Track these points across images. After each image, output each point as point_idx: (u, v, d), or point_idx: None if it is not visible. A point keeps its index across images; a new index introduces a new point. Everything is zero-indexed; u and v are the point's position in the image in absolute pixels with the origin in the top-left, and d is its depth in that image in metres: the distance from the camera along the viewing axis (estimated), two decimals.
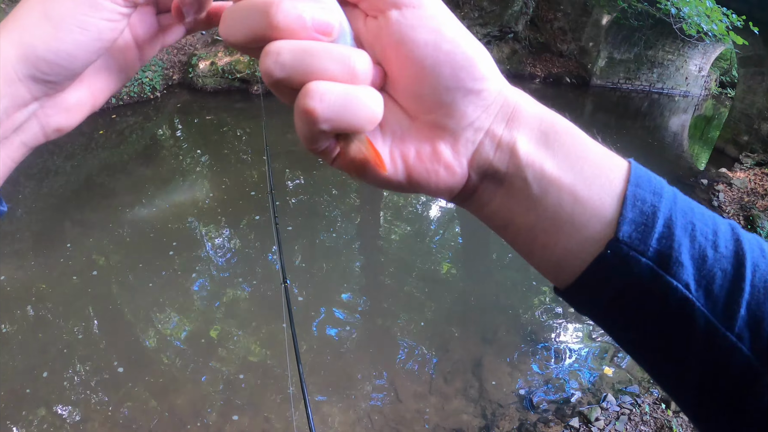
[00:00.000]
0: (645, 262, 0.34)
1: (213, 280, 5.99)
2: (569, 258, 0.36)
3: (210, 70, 10.43)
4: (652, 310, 0.35)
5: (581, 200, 0.35)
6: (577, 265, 0.36)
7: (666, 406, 4.23)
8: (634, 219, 0.35)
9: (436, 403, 4.38)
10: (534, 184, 0.36)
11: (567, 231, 0.36)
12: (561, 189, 0.36)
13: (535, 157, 0.36)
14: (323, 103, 0.31)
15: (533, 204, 0.36)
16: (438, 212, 7.56)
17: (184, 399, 4.38)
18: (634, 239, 0.34)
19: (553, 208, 0.36)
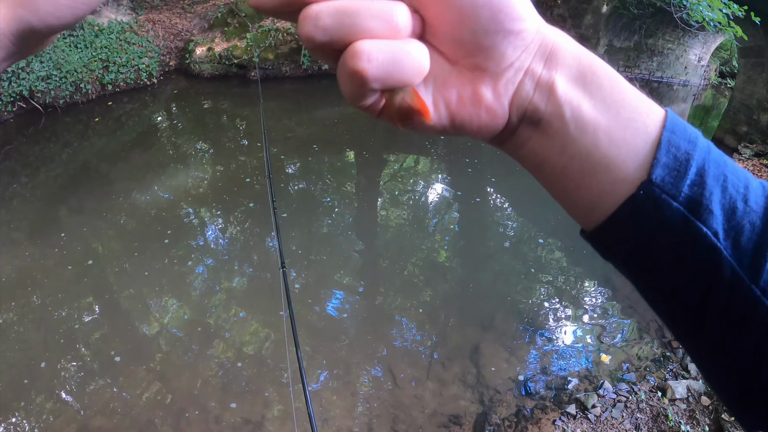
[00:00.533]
0: (676, 206, 0.35)
1: (210, 266, 5.98)
2: (601, 198, 0.37)
3: (207, 56, 10.35)
4: (680, 255, 0.35)
5: (616, 142, 0.36)
6: (608, 206, 0.36)
7: (662, 394, 4.25)
8: (667, 164, 0.35)
9: (434, 388, 4.39)
10: (571, 124, 0.36)
11: (601, 172, 0.36)
12: (597, 130, 0.36)
13: (572, 97, 0.36)
14: (372, 63, 0.31)
15: (569, 144, 0.37)
16: (436, 198, 7.55)
17: (183, 386, 4.39)
18: (667, 183, 0.35)
19: (587, 149, 0.36)
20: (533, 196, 7.27)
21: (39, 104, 8.77)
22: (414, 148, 8.59)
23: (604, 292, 5.53)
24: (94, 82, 9.32)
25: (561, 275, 5.92)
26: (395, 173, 8.20)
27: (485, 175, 7.80)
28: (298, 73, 10.48)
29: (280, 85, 10.31)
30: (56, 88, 8.78)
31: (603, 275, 5.69)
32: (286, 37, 10.32)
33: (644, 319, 5.08)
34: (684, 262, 0.35)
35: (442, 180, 8.08)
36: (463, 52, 0.35)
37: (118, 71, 9.56)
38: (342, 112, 9.67)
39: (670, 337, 4.87)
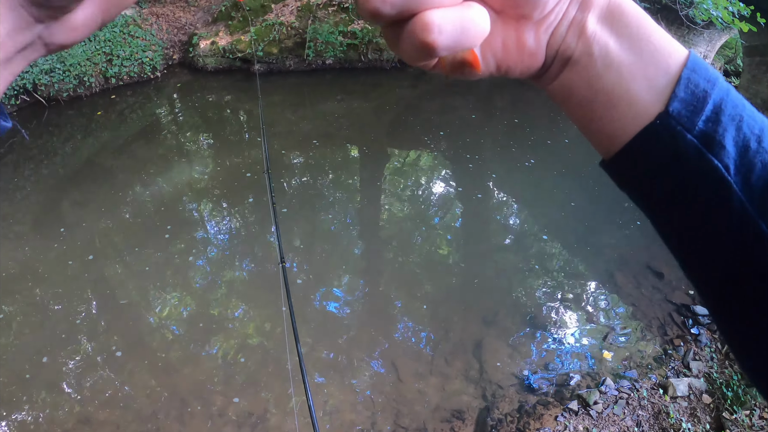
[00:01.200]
0: (690, 138, 0.37)
1: (212, 260, 5.99)
2: (622, 129, 0.39)
3: (211, 50, 10.33)
4: (691, 186, 0.37)
5: (639, 78, 0.38)
6: (627, 136, 0.39)
7: (663, 391, 4.26)
8: (684, 98, 0.37)
9: (437, 383, 4.41)
10: (598, 61, 0.38)
11: (623, 105, 0.38)
12: (621, 67, 0.38)
13: (601, 36, 0.38)
14: (442, 35, 0.32)
15: (595, 79, 0.39)
16: (438, 194, 7.55)
17: (186, 379, 4.41)
18: (683, 116, 0.37)
19: (612, 84, 0.38)
20: (536, 193, 7.27)
21: (42, 97, 8.78)
22: (416, 143, 8.58)
23: (607, 289, 5.54)
24: (98, 76, 9.32)
25: (563, 272, 5.92)
26: (398, 168, 8.19)
27: (486, 171, 7.79)
28: (302, 67, 10.46)
29: (284, 78, 10.29)
30: (60, 81, 8.78)
31: (606, 272, 5.69)
32: (290, 31, 10.30)
33: (647, 317, 5.08)
34: (695, 193, 0.37)
35: (444, 175, 8.08)
36: (511, 3, 0.37)
37: (122, 64, 9.55)
38: (346, 107, 9.66)
39: (672, 334, 4.87)
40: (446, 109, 9.43)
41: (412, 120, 9.26)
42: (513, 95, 10.50)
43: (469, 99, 10.10)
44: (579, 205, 6.80)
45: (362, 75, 10.52)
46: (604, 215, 6.63)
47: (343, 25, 10.30)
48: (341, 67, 10.54)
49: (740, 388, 4.20)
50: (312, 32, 10.13)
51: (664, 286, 5.38)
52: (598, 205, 6.80)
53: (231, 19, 10.62)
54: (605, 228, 6.40)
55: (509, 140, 8.56)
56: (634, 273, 5.59)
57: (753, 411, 4.05)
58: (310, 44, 10.14)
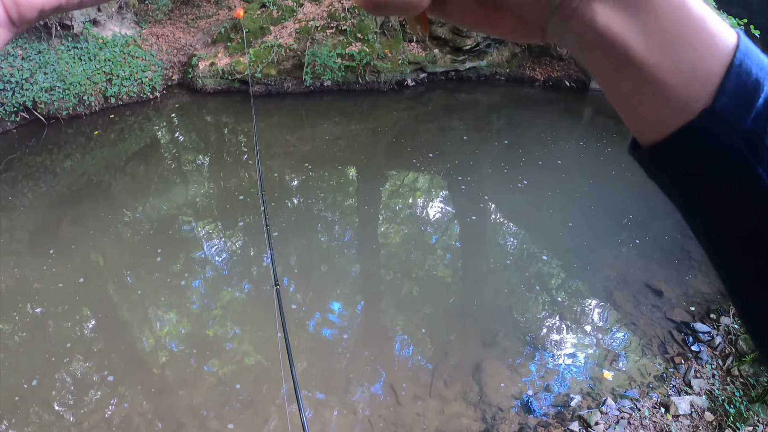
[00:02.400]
0: (735, 138, 0.33)
1: (208, 282, 5.95)
2: (658, 121, 0.35)
3: (210, 71, 10.41)
4: (730, 191, 0.34)
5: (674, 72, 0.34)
6: (664, 128, 0.35)
7: (665, 410, 4.22)
8: (734, 91, 0.33)
9: (436, 406, 4.36)
10: (615, 57, 0.35)
11: (656, 97, 0.35)
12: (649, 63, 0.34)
13: (616, 30, 0.34)
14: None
15: (614, 72, 0.36)
16: (437, 215, 7.55)
17: (181, 401, 4.35)
18: (731, 112, 0.33)
19: (639, 77, 0.35)
20: (533, 213, 7.28)
21: (42, 115, 8.80)
22: (413, 164, 8.60)
23: (607, 309, 5.51)
24: (98, 95, 9.36)
25: (562, 292, 5.90)
26: (395, 190, 8.21)
27: (482, 193, 7.81)
28: (300, 89, 10.53)
29: (282, 100, 10.36)
30: (59, 99, 8.82)
31: (605, 291, 5.68)
32: (288, 53, 10.39)
33: (647, 335, 5.06)
34: (732, 199, 0.34)
35: (441, 197, 8.09)
36: None
37: (122, 84, 9.60)
38: (343, 129, 9.71)
39: (672, 352, 4.84)
40: (443, 131, 9.49)
41: (409, 141, 9.31)
42: (509, 116, 10.58)
43: (467, 120, 10.17)
44: (576, 225, 6.80)
45: (360, 97, 10.59)
46: (602, 234, 6.63)
47: (341, 47, 10.40)
48: (339, 89, 10.62)
49: (742, 404, 4.16)
50: (310, 55, 10.22)
51: (664, 304, 5.36)
52: (595, 225, 6.81)
53: (230, 41, 10.72)
54: (604, 247, 6.40)
55: (504, 162, 8.59)
56: (634, 291, 5.57)
57: (756, 427, 4.01)
58: (307, 69, 10.22)
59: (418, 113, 10.42)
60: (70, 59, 9.11)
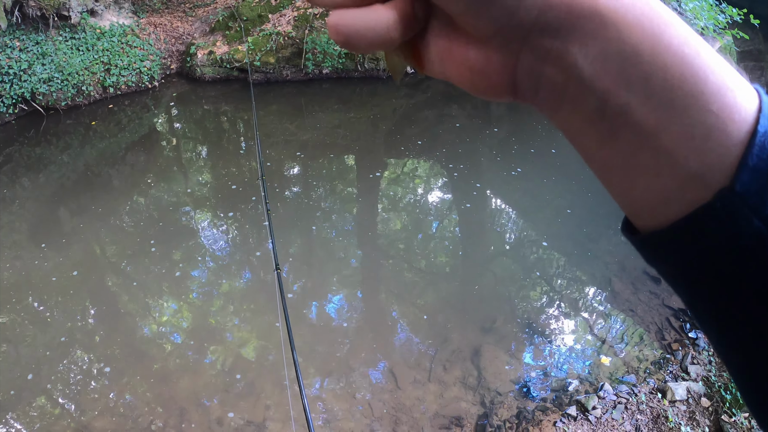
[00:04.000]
0: (758, 224, 0.27)
1: (209, 269, 5.99)
2: (663, 203, 0.30)
3: (208, 60, 10.38)
4: (750, 284, 0.28)
5: (682, 145, 0.28)
6: (671, 212, 0.29)
7: (662, 395, 4.26)
8: (757, 167, 0.27)
9: (435, 390, 4.41)
10: (605, 123, 0.29)
11: (660, 175, 0.29)
12: (652, 131, 0.28)
13: (608, 83, 0.28)
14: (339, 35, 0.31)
15: (606, 140, 0.30)
16: (435, 203, 7.57)
17: (184, 388, 4.40)
18: (753, 193, 0.27)
19: (634, 149, 0.29)
20: (533, 201, 7.30)
21: (40, 106, 8.79)
22: (413, 152, 8.61)
23: (604, 295, 5.55)
24: (96, 85, 9.35)
25: (561, 278, 5.94)
26: (395, 177, 8.22)
27: (482, 180, 7.82)
28: (299, 76, 10.50)
29: (281, 88, 10.33)
30: (58, 90, 8.81)
31: (603, 278, 5.71)
32: (287, 40, 10.35)
33: (644, 322, 5.10)
34: (752, 292, 0.28)
35: (441, 184, 8.10)
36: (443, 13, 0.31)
37: (120, 74, 9.59)
38: (343, 116, 9.70)
39: (669, 339, 4.88)
40: (442, 119, 9.48)
41: (409, 129, 9.30)
42: (510, 103, 10.54)
43: (466, 107, 10.15)
44: (576, 213, 6.82)
45: (359, 84, 10.57)
46: (601, 222, 6.65)
47: None
48: (338, 76, 10.59)
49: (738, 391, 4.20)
50: (310, 42, 10.19)
51: (662, 290, 5.39)
52: (595, 212, 6.83)
53: (228, 29, 10.68)
54: (603, 234, 6.42)
55: (503, 149, 8.59)
56: (632, 279, 5.60)
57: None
58: (308, 55, 10.19)
59: (417, 101, 10.40)
60: (68, 50, 9.09)
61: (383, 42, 0.30)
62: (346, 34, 0.30)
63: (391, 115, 10.00)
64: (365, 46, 0.30)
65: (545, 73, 0.30)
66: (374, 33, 0.30)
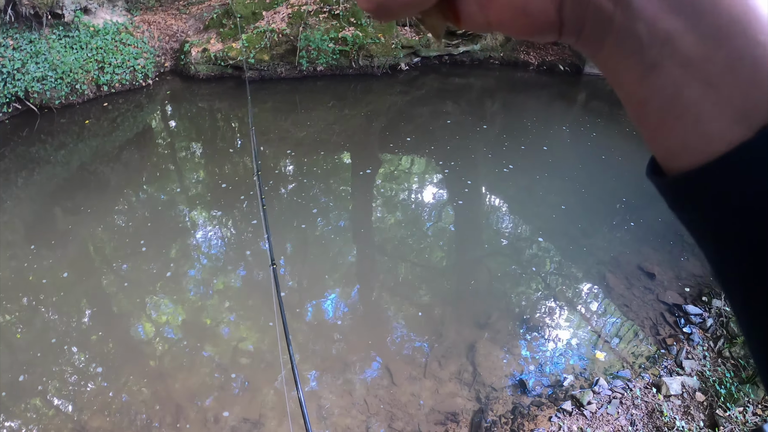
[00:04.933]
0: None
1: (205, 266, 5.99)
2: (701, 140, 0.28)
3: (202, 57, 10.35)
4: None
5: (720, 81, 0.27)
6: (709, 149, 0.28)
7: (657, 390, 4.28)
8: None
9: (431, 386, 4.42)
10: (650, 54, 0.28)
11: (703, 110, 0.27)
12: (688, 64, 0.27)
13: (652, 11, 0.27)
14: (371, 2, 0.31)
15: (647, 72, 0.28)
16: (430, 199, 7.57)
17: (180, 386, 4.40)
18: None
19: (675, 85, 0.28)
20: (526, 197, 7.31)
21: (34, 105, 8.76)
22: (407, 149, 8.61)
23: (599, 291, 5.57)
24: (90, 83, 9.31)
25: (556, 274, 5.96)
26: (389, 174, 8.22)
27: (476, 176, 7.83)
28: (293, 74, 10.49)
29: (276, 85, 10.32)
30: (52, 89, 8.77)
31: (598, 274, 5.73)
32: (281, 38, 10.33)
33: (639, 317, 5.12)
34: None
35: (436, 181, 8.11)
36: None
37: (114, 72, 9.55)
38: (337, 113, 9.69)
39: (664, 334, 4.91)
40: (436, 115, 9.48)
41: (403, 126, 9.31)
42: (503, 100, 10.58)
43: (461, 104, 10.16)
44: (570, 209, 6.84)
45: (353, 81, 10.57)
46: (596, 217, 6.68)
47: (334, 31, 10.35)
48: (332, 73, 10.58)
49: (733, 385, 4.23)
50: (304, 39, 10.17)
51: (656, 286, 5.42)
52: (589, 208, 6.85)
53: (222, 27, 10.65)
54: (597, 230, 6.45)
55: (497, 145, 8.61)
56: (626, 274, 5.63)
57: (746, 408, 4.09)
58: (302, 53, 10.17)
59: (412, 98, 10.40)
60: (62, 48, 9.05)
61: (416, 4, 0.30)
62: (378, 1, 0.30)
63: (386, 112, 10.00)
64: (398, 11, 0.30)
65: (592, 1, 0.28)
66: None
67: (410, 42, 10.87)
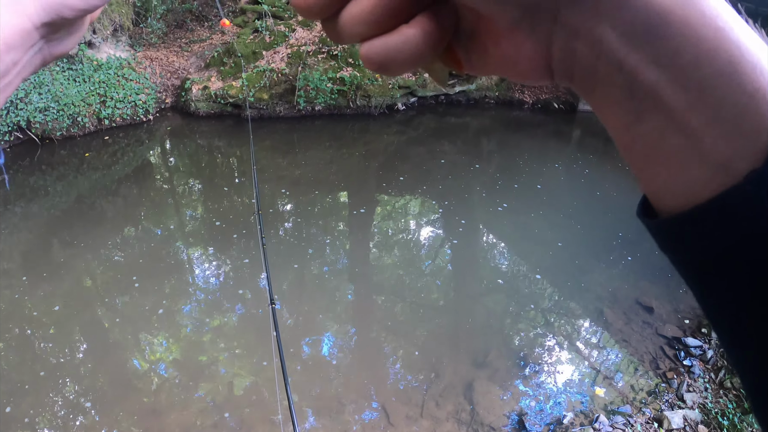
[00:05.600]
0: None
1: (201, 304, 5.93)
2: (688, 185, 0.28)
3: (203, 95, 10.50)
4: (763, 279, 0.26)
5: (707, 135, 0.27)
6: (697, 194, 0.28)
7: (658, 425, 4.22)
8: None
9: (428, 426, 4.33)
10: (634, 102, 0.28)
11: (688, 156, 0.28)
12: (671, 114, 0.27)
13: (635, 61, 0.27)
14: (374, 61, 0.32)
15: (633, 121, 0.29)
16: (427, 239, 7.59)
17: (174, 423, 4.30)
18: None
19: (659, 132, 0.28)
20: (522, 235, 7.34)
21: (36, 135, 8.83)
22: (404, 188, 8.67)
23: (597, 326, 5.54)
24: (92, 116, 9.41)
25: (553, 311, 5.93)
26: (386, 214, 8.26)
27: (472, 215, 7.88)
28: (292, 113, 10.64)
29: (274, 124, 10.45)
30: (53, 120, 8.86)
31: (595, 309, 5.71)
32: (280, 77, 10.52)
33: (638, 352, 5.08)
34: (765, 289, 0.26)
35: (432, 220, 8.15)
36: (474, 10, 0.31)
37: (115, 106, 9.67)
38: (334, 153, 9.79)
39: (664, 368, 4.86)
40: (433, 155, 9.59)
41: (400, 165, 9.40)
42: (499, 139, 10.72)
43: (457, 143, 10.30)
44: (567, 246, 6.86)
45: (351, 121, 10.71)
46: (592, 254, 6.69)
47: (332, 71, 10.55)
48: (330, 113, 10.73)
49: (736, 416, 4.18)
50: (303, 79, 10.36)
51: (655, 320, 5.40)
52: (585, 245, 6.87)
53: (223, 65, 10.85)
54: (595, 266, 6.45)
55: (493, 185, 8.69)
56: (624, 309, 5.61)
57: None
58: (300, 92, 10.35)
59: (409, 137, 10.54)
60: (65, 80, 9.18)
61: (416, 59, 0.31)
62: (379, 62, 0.31)
63: (383, 152, 10.11)
64: (400, 68, 0.31)
65: (577, 51, 0.29)
66: (405, 54, 0.30)
67: (407, 82, 11.08)
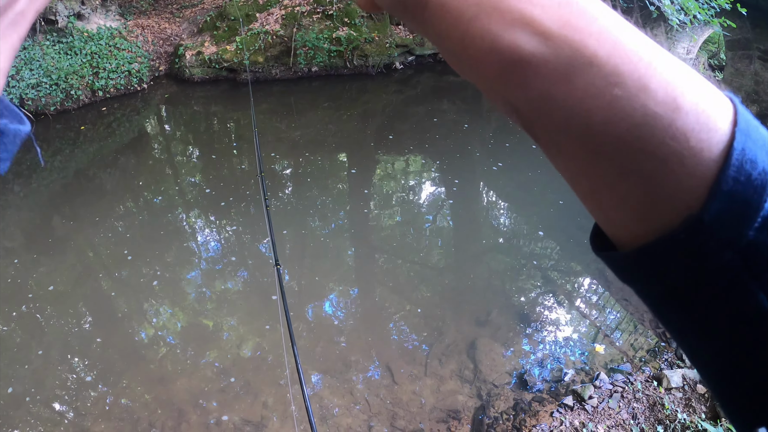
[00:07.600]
0: (729, 257, 0.24)
1: (205, 269, 5.98)
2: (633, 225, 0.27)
3: (197, 60, 10.34)
4: (720, 317, 0.26)
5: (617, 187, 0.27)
6: (642, 234, 0.27)
7: (658, 383, 4.29)
8: (733, 192, 0.24)
9: (432, 384, 4.42)
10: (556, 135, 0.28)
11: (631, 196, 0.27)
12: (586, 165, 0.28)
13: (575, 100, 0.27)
14: None
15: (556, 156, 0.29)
16: (427, 198, 7.58)
17: (182, 389, 4.39)
18: (726, 222, 0.24)
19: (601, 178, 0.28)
20: (523, 194, 7.32)
21: (30, 112, 8.74)
22: (403, 148, 8.61)
23: (598, 285, 5.58)
24: (85, 89, 9.30)
25: (555, 270, 5.96)
26: (386, 173, 8.22)
27: (473, 173, 7.84)
28: (288, 75, 10.48)
29: (270, 87, 10.31)
30: (47, 95, 8.76)
31: (597, 269, 5.73)
32: (275, 39, 10.32)
33: (638, 311, 5.12)
34: (722, 326, 0.26)
35: (433, 179, 8.12)
36: None
37: (109, 77, 9.54)
38: (333, 114, 9.68)
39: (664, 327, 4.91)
40: (433, 113, 9.48)
41: (399, 125, 9.30)
42: None
43: (456, 102, 10.16)
44: (568, 204, 6.84)
45: (348, 81, 10.56)
46: None
47: (328, 31, 10.34)
48: (327, 74, 10.57)
49: None
50: (300, 39, 10.16)
51: None
52: None
53: (216, 30, 10.64)
54: None
55: (497, 142, 8.61)
56: None
57: None
58: (299, 51, 10.16)
59: (407, 96, 10.40)
60: (56, 54, 9.03)
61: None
62: None
63: (381, 112, 9.99)
64: None
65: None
66: None
67: (404, 41, 10.86)
